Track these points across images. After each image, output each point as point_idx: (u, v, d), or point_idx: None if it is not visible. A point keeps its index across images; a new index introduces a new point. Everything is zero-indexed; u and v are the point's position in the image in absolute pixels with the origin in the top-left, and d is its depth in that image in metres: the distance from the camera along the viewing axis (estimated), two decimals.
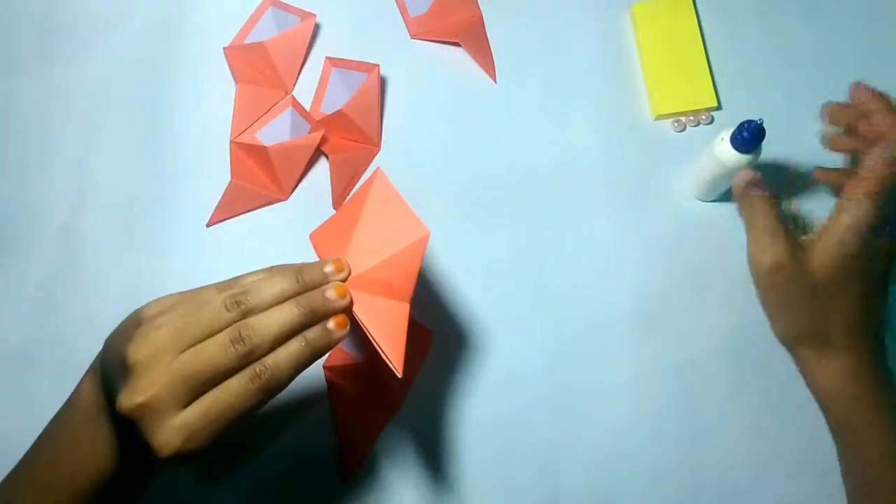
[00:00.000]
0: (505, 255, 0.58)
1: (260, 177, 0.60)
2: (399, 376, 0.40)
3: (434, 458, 0.54)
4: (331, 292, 0.39)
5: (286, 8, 0.63)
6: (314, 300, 0.38)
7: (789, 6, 0.62)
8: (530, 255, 0.58)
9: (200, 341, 0.36)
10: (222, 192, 0.60)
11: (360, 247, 0.42)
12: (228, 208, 0.59)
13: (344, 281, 0.41)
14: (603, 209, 0.58)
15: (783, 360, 0.48)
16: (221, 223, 0.59)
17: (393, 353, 0.40)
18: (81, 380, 0.44)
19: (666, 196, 0.58)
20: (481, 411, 0.54)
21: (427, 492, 0.53)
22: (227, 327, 0.37)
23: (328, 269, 0.40)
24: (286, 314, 0.38)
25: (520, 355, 0.55)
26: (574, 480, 0.53)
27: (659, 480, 0.53)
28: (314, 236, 0.46)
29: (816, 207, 0.58)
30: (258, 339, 0.36)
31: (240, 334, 0.36)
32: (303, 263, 0.41)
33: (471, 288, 0.57)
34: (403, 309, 0.42)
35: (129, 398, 0.35)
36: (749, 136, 0.49)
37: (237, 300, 0.37)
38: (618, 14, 0.63)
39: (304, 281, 0.39)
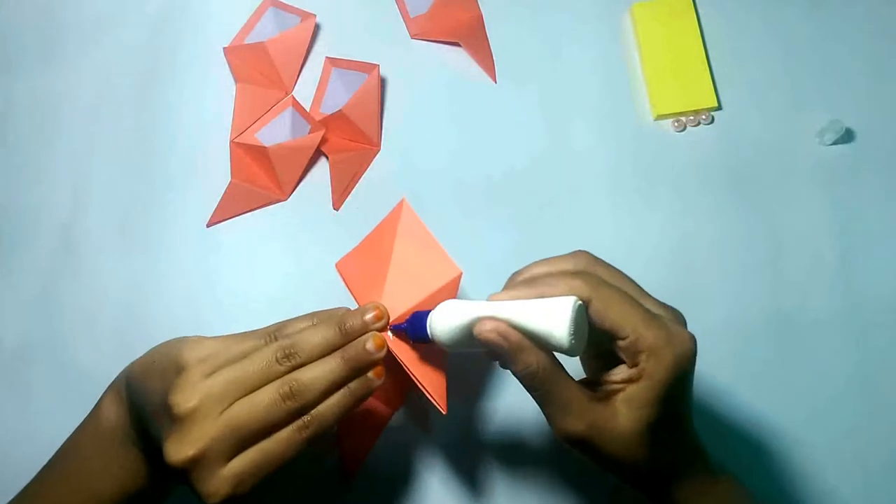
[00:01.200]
0: (505, 254, 0.58)
1: (260, 177, 0.60)
2: (444, 413, 0.42)
3: (435, 458, 0.53)
4: (370, 344, 0.40)
5: (286, 8, 0.63)
6: (358, 355, 0.39)
7: (790, 6, 0.62)
8: (530, 255, 0.57)
9: (249, 393, 0.37)
10: (222, 192, 0.60)
11: (395, 287, 0.43)
12: (228, 208, 0.59)
13: (383, 328, 0.41)
14: (603, 209, 0.58)
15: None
16: (221, 223, 0.59)
17: (435, 391, 0.42)
18: (102, 400, 0.45)
19: (666, 196, 0.58)
20: (482, 411, 0.54)
21: (427, 492, 0.53)
22: (275, 379, 0.38)
23: (368, 316, 0.41)
24: (332, 369, 0.39)
25: None
26: (575, 473, 0.53)
27: None
28: (341, 266, 0.46)
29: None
30: (308, 395, 0.38)
31: (290, 390, 0.37)
32: (344, 311, 0.42)
33: (471, 288, 0.57)
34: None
35: (181, 451, 0.36)
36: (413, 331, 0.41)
37: (287, 353, 0.38)
38: (618, 14, 0.63)
39: (347, 331, 0.40)
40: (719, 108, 0.60)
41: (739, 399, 0.54)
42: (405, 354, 0.42)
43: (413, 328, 0.41)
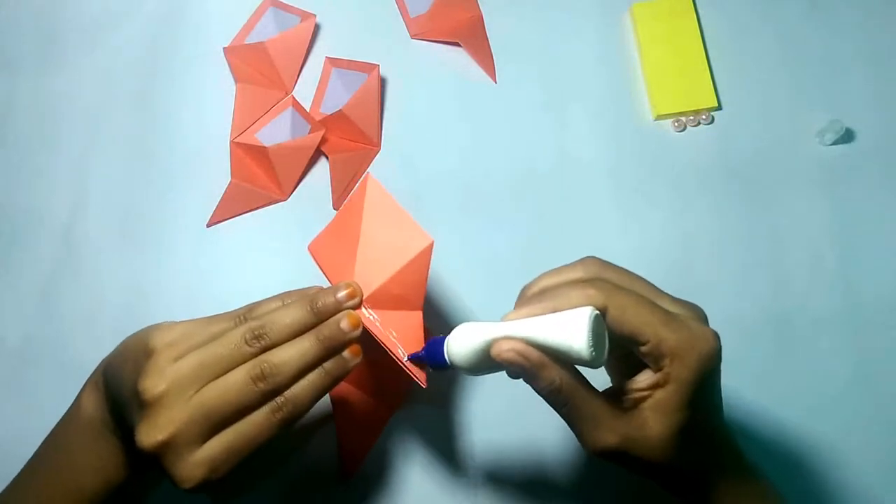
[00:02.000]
0: (505, 255, 0.58)
1: (260, 177, 0.60)
2: (423, 386, 0.41)
3: (435, 458, 0.54)
4: (345, 323, 0.39)
5: (286, 8, 0.63)
6: (331, 334, 0.39)
7: (790, 6, 0.62)
8: (530, 254, 0.57)
9: (219, 376, 0.37)
10: (222, 192, 0.60)
11: (367, 263, 0.42)
12: (228, 208, 0.59)
13: (357, 306, 0.41)
14: (603, 209, 0.58)
15: None
16: (221, 223, 0.59)
17: (414, 365, 0.41)
18: (81, 392, 0.44)
19: (666, 196, 0.58)
20: (482, 410, 0.54)
21: (428, 492, 0.53)
22: (246, 361, 0.37)
23: (341, 294, 0.40)
24: (306, 349, 0.38)
25: None
26: (574, 473, 0.53)
27: None
28: (313, 248, 0.46)
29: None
30: (280, 376, 0.37)
31: (262, 371, 0.37)
32: (316, 290, 0.41)
33: (471, 288, 0.57)
34: (417, 318, 0.42)
35: (151, 436, 0.35)
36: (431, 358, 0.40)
37: (256, 334, 0.38)
38: (618, 14, 0.63)
39: (319, 309, 0.39)
40: (719, 108, 0.60)
41: (739, 399, 0.54)
42: (381, 331, 0.41)
43: (430, 356, 0.40)
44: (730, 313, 0.56)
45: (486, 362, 0.38)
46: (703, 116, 0.60)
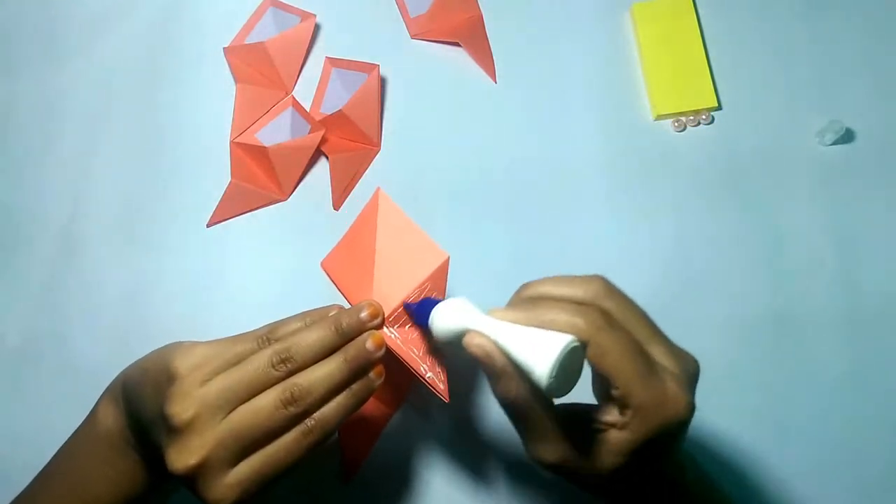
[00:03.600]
0: (505, 255, 0.58)
1: (260, 177, 0.60)
2: (446, 401, 0.41)
3: (435, 458, 0.54)
4: (370, 343, 0.39)
5: (286, 8, 0.63)
6: (358, 354, 0.39)
7: (789, 6, 0.62)
8: (530, 255, 0.57)
9: (247, 400, 0.37)
10: (222, 192, 0.60)
11: (384, 280, 0.42)
12: (228, 208, 0.59)
13: (380, 325, 0.41)
14: (603, 209, 0.58)
15: None
16: (221, 223, 0.59)
17: (437, 379, 0.42)
18: (98, 404, 0.45)
19: (666, 196, 0.58)
20: (482, 410, 0.54)
21: (427, 492, 0.53)
22: (273, 385, 0.37)
23: (364, 314, 0.40)
24: (334, 371, 0.38)
25: None
26: None
27: None
28: (327, 265, 0.46)
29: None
30: (311, 399, 0.37)
31: (292, 395, 0.37)
32: (337, 310, 0.41)
33: (471, 288, 0.57)
34: None
35: (182, 460, 0.36)
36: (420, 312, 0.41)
37: (283, 357, 0.38)
38: (618, 14, 0.63)
39: (344, 330, 0.39)
40: (719, 108, 0.60)
41: (738, 398, 0.54)
42: (404, 350, 0.41)
43: (418, 313, 0.40)
44: (729, 313, 0.56)
45: (458, 344, 0.38)
46: (703, 116, 0.60)
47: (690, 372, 0.37)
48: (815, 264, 0.56)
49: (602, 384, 0.38)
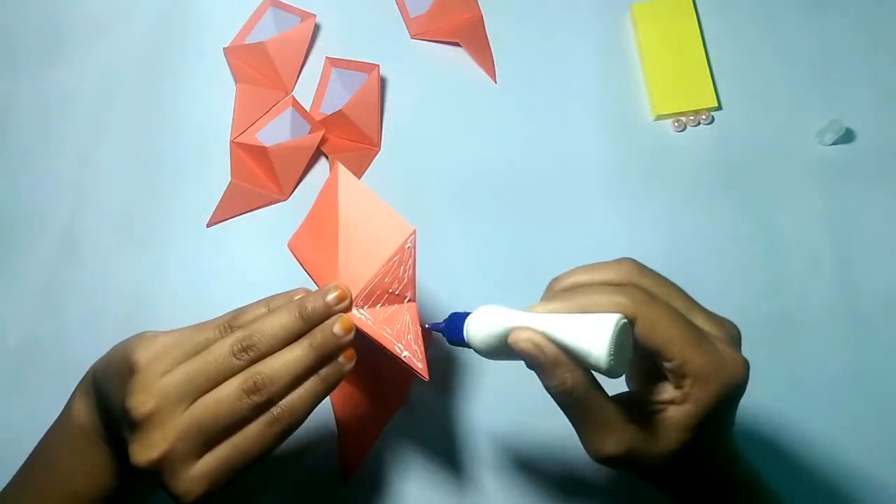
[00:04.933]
0: (504, 254, 0.58)
1: (260, 177, 0.60)
2: (426, 379, 0.40)
3: (435, 457, 0.54)
4: (338, 327, 0.38)
5: (286, 8, 0.63)
6: (325, 340, 0.37)
7: (789, 6, 0.62)
8: (530, 254, 0.58)
9: (209, 390, 0.36)
10: (222, 192, 0.60)
11: (350, 259, 0.41)
12: (228, 208, 0.59)
13: (348, 308, 0.39)
14: (603, 209, 0.58)
15: None
16: (221, 223, 0.59)
17: (415, 359, 0.40)
18: (72, 398, 0.44)
19: (666, 196, 0.58)
20: (483, 409, 0.54)
21: (428, 492, 0.53)
22: (236, 373, 0.36)
23: (330, 298, 0.39)
24: (299, 358, 0.37)
25: None
26: (577, 474, 0.53)
27: None
28: (293, 245, 0.45)
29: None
30: (274, 387, 0.36)
31: (255, 384, 0.36)
32: (302, 293, 0.40)
33: (470, 287, 0.57)
34: (412, 310, 0.41)
35: (145, 454, 0.35)
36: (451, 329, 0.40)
37: (244, 346, 0.36)
38: (618, 14, 0.63)
39: (308, 315, 0.38)
40: (719, 108, 0.60)
41: None
42: (376, 330, 0.40)
43: (450, 330, 0.39)
44: (728, 313, 0.55)
45: (502, 349, 0.37)
46: (703, 116, 0.60)
47: (734, 335, 0.38)
48: (814, 264, 0.56)
49: (643, 365, 0.37)
